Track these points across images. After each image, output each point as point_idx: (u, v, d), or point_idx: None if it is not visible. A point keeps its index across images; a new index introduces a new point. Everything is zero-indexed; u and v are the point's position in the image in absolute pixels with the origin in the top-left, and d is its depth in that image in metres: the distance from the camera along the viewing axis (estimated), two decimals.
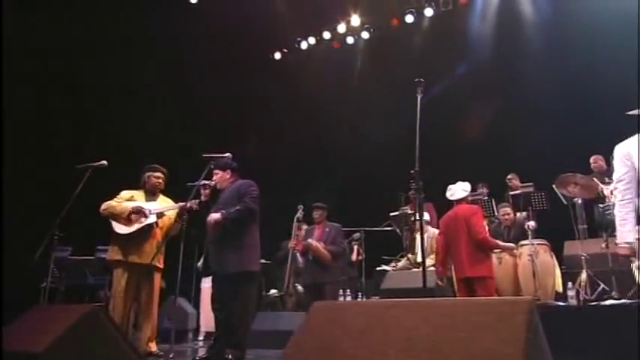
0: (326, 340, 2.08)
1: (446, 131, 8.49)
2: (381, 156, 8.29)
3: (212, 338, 4.27)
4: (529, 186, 6.63)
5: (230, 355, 3.89)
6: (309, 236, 5.59)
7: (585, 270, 5.02)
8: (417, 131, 3.06)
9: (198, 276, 6.83)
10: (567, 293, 4.86)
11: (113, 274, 4.55)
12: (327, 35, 10.09)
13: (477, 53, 8.65)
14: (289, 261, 6.12)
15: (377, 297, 5.65)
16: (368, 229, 6.75)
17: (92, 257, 6.17)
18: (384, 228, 6.75)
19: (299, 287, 6.02)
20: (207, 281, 6.25)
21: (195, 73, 8.67)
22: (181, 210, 4.34)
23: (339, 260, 5.60)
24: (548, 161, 6.87)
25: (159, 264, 4.60)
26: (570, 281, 5.06)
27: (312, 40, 10.29)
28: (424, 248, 3.36)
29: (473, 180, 6.75)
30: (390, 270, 6.20)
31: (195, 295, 7.08)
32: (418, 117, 3.15)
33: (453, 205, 5.05)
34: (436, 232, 5.72)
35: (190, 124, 8.64)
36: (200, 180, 4.22)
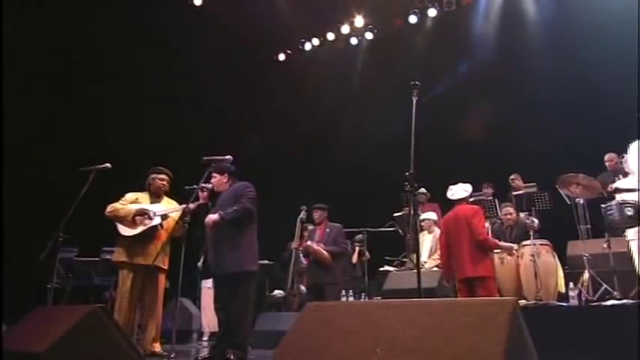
0: (316, 341, 2.12)
1: (449, 131, 8.51)
2: (385, 156, 8.29)
3: (215, 338, 4.31)
4: (532, 186, 6.63)
5: (231, 356, 3.92)
6: (311, 237, 5.63)
7: (587, 270, 5.00)
8: (413, 134, 3.08)
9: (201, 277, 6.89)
10: (569, 294, 4.85)
11: (118, 275, 4.62)
12: (331, 36, 10.12)
13: (481, 53, 8.64)
14: (292, 262, 6.17)
15: (379, 297, 5.68)
16: (371, 230, 6.76)
17: (98, 258, 6.26)
18: (387, 228, 6.76)
19: (302, 288, 6.07)
20: (207, 282, 6.32)
21: (199, 75, 8.70)
22: (183, 212, 4.40)
23: (341, 261, 5.62)
24: (551, 161, 6.85)
25: (163, 265, 4.65)
26: (574, 282, 5.05)
27: (315, 42, 10.33)
28: (419, 248, 3.39)
29: (476, 180, 6.77)
30: (394, 270, 6.23)
31: (199, 296, 7.13)
32: (414, 120, 3.18)
33: (454, 206, 5.06)
34: None
35: (194, 125, 8.66)
36: (200, 183, 4.29)
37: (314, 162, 9.40)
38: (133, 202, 4.64)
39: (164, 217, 4.62)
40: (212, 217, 4.09)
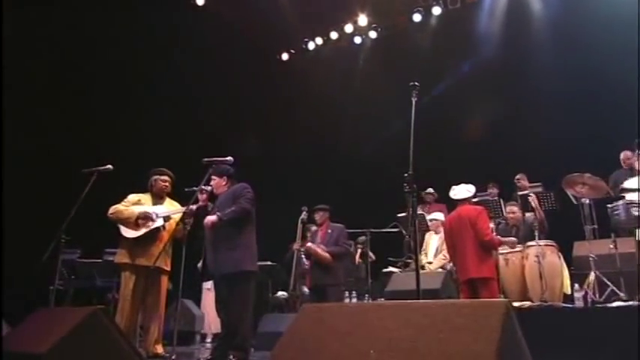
0: (312, 341, 2.16)
1: (455, 130, 8.44)
2: (389, 156, 8.24)
3: (217, 340, 4.31)
4: (538, 186, 6.54)
5: (232, 357, 3.92)
6: (313, 238, 5.60)
7: (593, 271, 4.93)
8: (412, 135, 3.05)
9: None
10: (574, 295, 4.79)
11: (121, 277, 4.62)
12: (335, 35, 10.07)
13: (486, 51, 8.56)
14: (294, 263, 6.16)
15: (383, 299, 5.64)
16: (374, 231, 6.72)
17: (100, 260, 6.27)
18: (390, 229, 6.71)
19: (304, 289, 6.04)
20: (208, 284, 6.31)
21: (200, 75, 8.70)
22: (184, 214, 4.39)
23: (343, 261, 5.58)
24: (557, 160, 6.77)
25: (165, 266, 4.64)
26: (580, 283, 4.98)
27: (319, 41, 10.29)
28: (417, 249, 3.37)
29: (482, 180, 6.71)
30: (397, 272, 6.19)
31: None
32: (413, 120, 3.14)
33: (457, 206, 5.02)
34: None
35: (195, 126, 8.65)
36: (200, 185, 4.29)
37: (317, 162, 9.37)
38: (136, 204, 4.64)
39: (166, 219, 4.62)
40: (210, 219, 4.12)
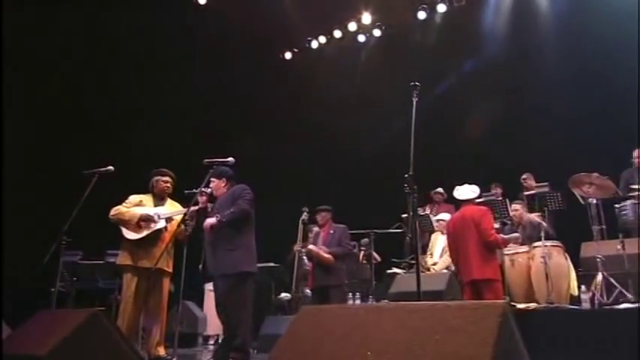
0: (309, 344, 2.16)
1: (460, 130, 8.36)
2: (393, 155, 8.17)
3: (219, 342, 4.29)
4: (544, 186, 6.46)
5: (233, 359, 3.90)
6: (315, 240, 5.56)
7: (601, 272, 4.85)
8: (413, 135, 3.00)
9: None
10: (581, 296, 4.71)
11: (123, 279, 4.61)
12: (338, 34, 10.01)
13: (491, 49, 8.47)
14: (295, 264, 6.12)
15: (386, 301, 5.58)
16: (378, 231, 6.67)
17: (102, 261, 6.26)
18: (394, 230, 6.65)
19: (307, 291, 5.99)
20: (209, 285, 6.27)
21: (203, 74, 8.68)
22: (184, 216, 4.37)
23: (345, 262, 5.53)
24: (564, 160, 6.68)
25: (167, 268, 4.62)
26: (588, 284, 4.90)
27: (322, 40, 10.23)
28: (417, 251, 3.34)
29: (487, 180, 6.63)
30: (401, 273, 6.13)
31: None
32: (414, 121, 3.09)
33: (461, 207, 4.96)
34: None
35: (196, 126, 8.63)
36: (200, 187, 4.27)
37: (320, 162, 9.32)
38: (137, 205, 4.62)
39: (168, 220, 4.59)
40: (210, 222, 4.10)
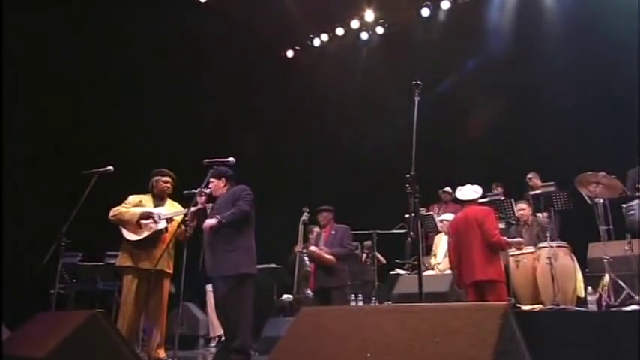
0: (309, 345, 2.16)
1: (464, 129, 8.28)
2: (396, 155, 8.10)
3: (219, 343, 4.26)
4: (550, 185, 6.36)
5: None
6: (317, 240, 5.51)
7: (608, 273, 4.76)
8: (415, 135, 2.94)
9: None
10: (588, 298, 4.63)
11: (123, 280, 4.57)
12: (341, 31, 9.93)
13: (496, 46, 8.38)
14: (297, 265, 6.08)
15: (389, 302, 5.53)
16: (381, 232, 6.61)
17: (102, 263, 6.24)
18: (398, 230, 6.59)
19: (308, 292, 5.94)
20: (210, 286, 6.24)
21: (204, 73, 8.64)
22: (184, 217, 4.33)
23: (347, 262, 5.47)
24: (571, 159, 6.61)
25: (168, 269, 4.59)
26: (595, 285, 4.81)
27: (324, 37, 10.15)
28: (420, 252, 3.30)
29: (492, 179, 6.55)
30: (405, 274, 6.07)
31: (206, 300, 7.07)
32: (415, 121, 3.02)
33: (464, 207, 4.89)
34: None
35: (199, 126, 8.61)
36: (200, 187, 4.23)
37: (321, 161, 9.26)
38: (137, 205, 4.60)
39: (169, 221, 4.56)
40: (210, 222, 4.09)
